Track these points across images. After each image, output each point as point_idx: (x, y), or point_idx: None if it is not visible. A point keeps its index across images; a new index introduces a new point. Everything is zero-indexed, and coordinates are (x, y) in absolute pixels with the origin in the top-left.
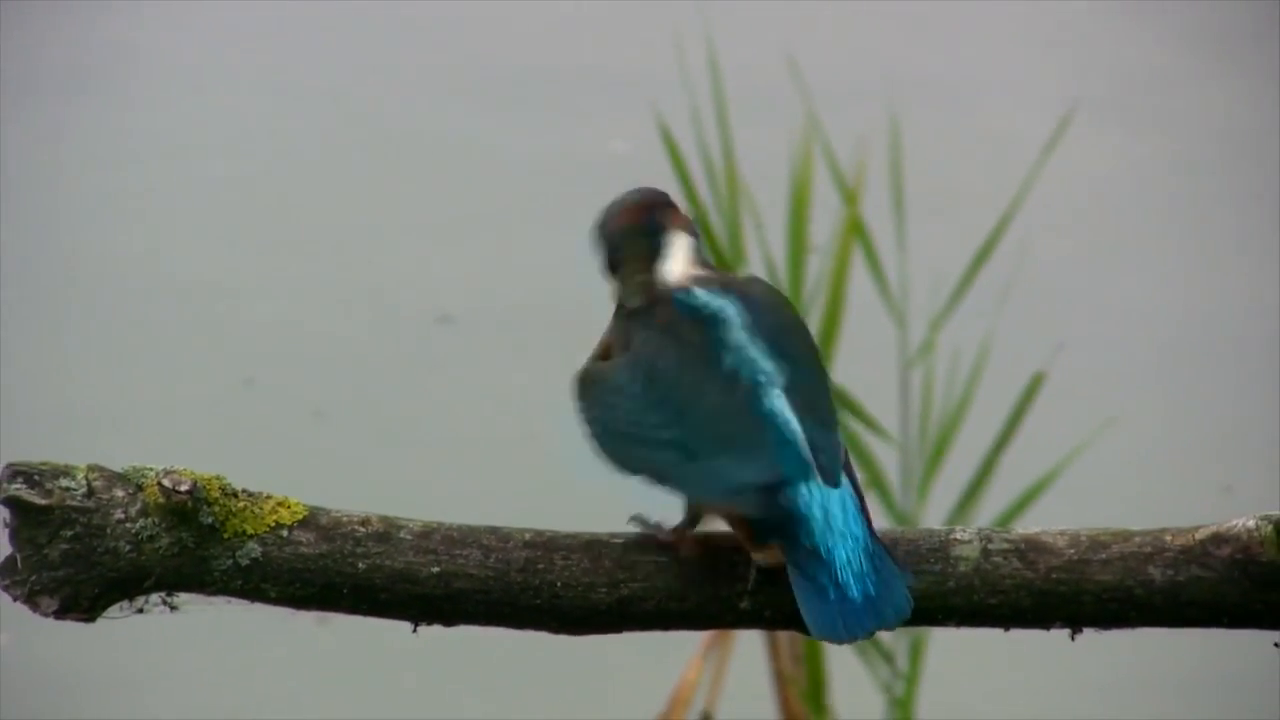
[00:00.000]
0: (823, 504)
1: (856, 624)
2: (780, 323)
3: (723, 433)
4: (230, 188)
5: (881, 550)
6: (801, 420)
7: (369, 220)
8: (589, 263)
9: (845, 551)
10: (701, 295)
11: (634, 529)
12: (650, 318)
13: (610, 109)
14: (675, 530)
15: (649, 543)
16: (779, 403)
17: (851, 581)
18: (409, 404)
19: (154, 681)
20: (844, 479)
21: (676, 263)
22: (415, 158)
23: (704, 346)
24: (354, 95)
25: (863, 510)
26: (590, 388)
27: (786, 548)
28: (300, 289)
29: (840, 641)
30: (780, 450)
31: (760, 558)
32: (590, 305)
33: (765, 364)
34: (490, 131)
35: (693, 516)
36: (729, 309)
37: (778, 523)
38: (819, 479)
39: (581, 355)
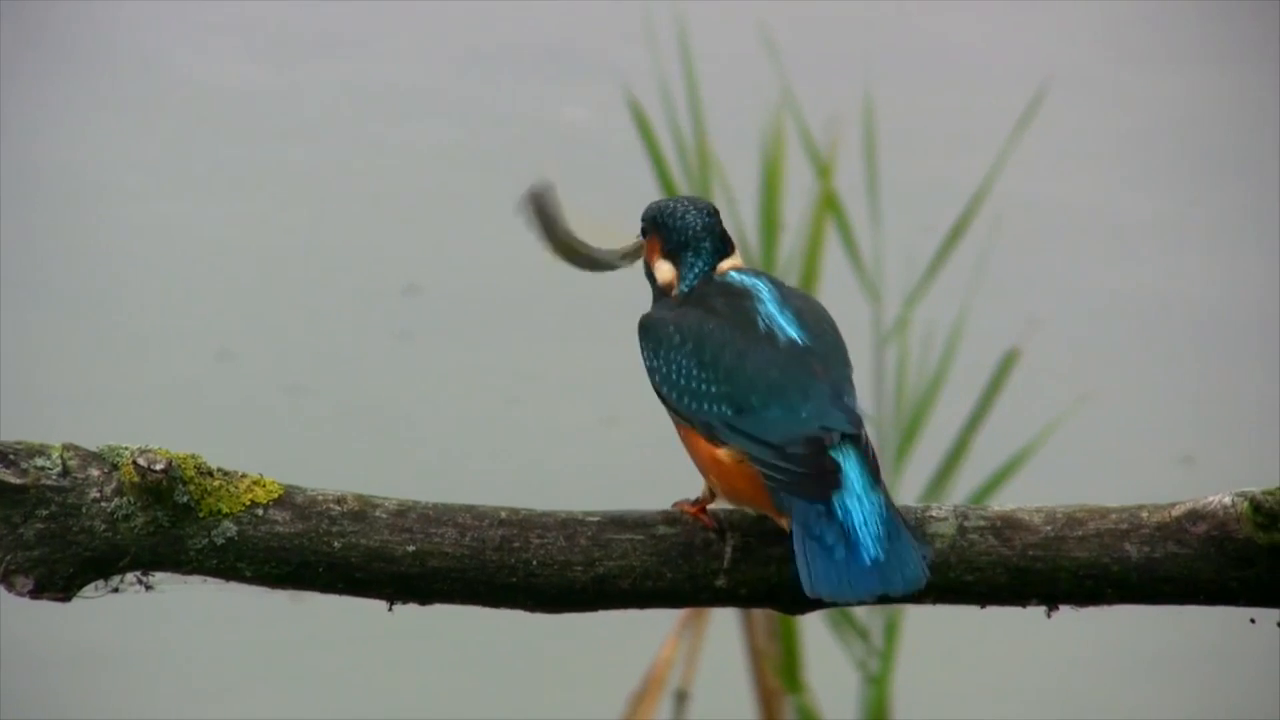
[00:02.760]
0: (846, 465)
1: (862, 584)
2: (805, 304)
3: (769, 388)
4: (201, 162)
5: (897, 519)
6: (832, 381)
7: (335, 192)
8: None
9: (862, 513)
10: (736, 275)
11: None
12: (694, 293)
13: (574, 80)
14: (695, 502)
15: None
16: (811, 362)
17: (869, 542)
18: (380, 375)
19: (133, 658)
20: (859, 446)
21: (725, 264)
22: (379, 129)
23: (743, 313)
24: (319, 71)
25: (878, 478)
26: (650, 338)
27: (797, 508)
28: (268, 261)
29: (842, 601)
30: (820, 404)
31: (785, 521)
32: (544, 271)
33: (792, 331)
34: (451, 102)
35: (711, 491)
36: (761, 285)
37: (805, 482)
38: (855, 425)
39: (543, 321)
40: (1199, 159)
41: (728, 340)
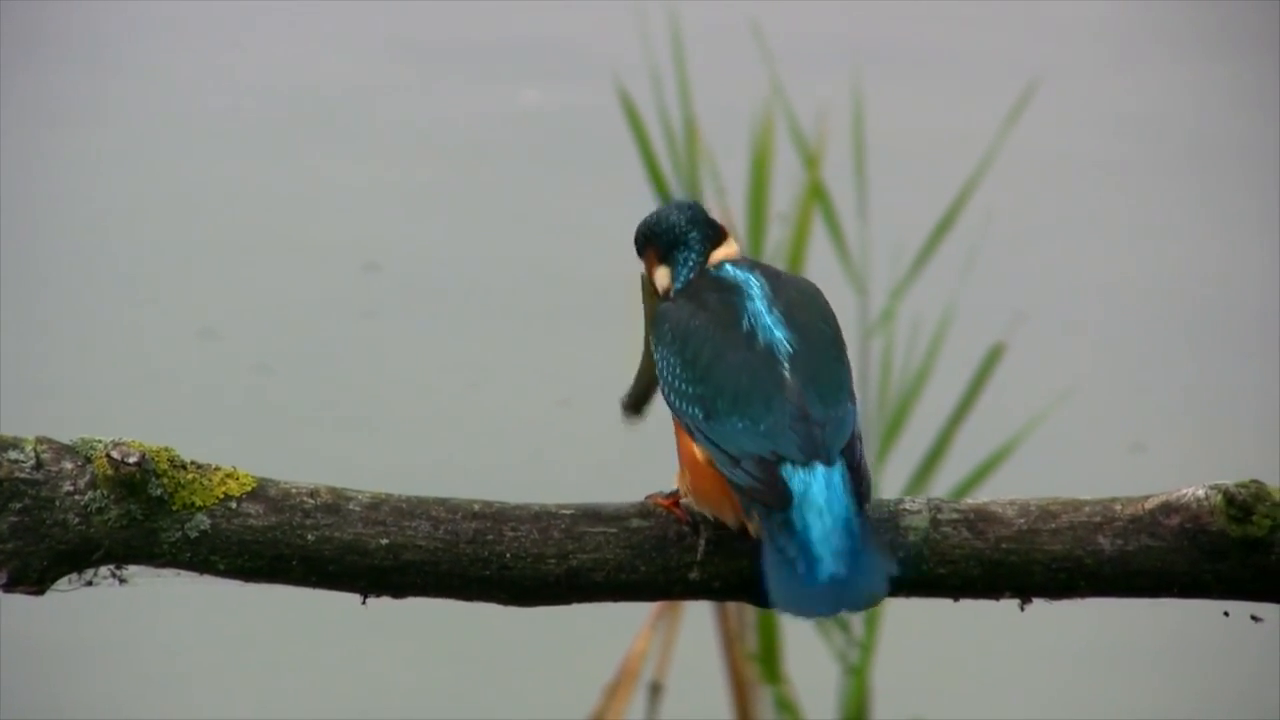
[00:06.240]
0: (804, 479)
1: (820, 602)
2: (801, 298)
3: (736, 396)
4: (178, 150)
5: (866, 532)
6: (803, 392)
7: (300, 175)
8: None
9: (822, 527)
10: (729, 269)
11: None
12: (689, 287)
13: (536, 68)
14: (669, 495)
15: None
16: (783, 371)
17: (827, 558)
18: (348, 354)
19: (129, 653)
20: (840, 457)
21: (718, 253)
22: (346, 115)
23: (729, 310)
24: (284, 59)
25: (856, 490)
26: (655, 331)
27: (763, 517)
28: (238, 245)
29: (801, 617)
30: (779, 421)
31: (753, 528)
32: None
33: (777, 332)
34: (414, 86)
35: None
36: (752, 281)
37: (762, 492)
38: (806, 454)
39: (501, 302)
40: (1182, 155)
41: (707, 339)
